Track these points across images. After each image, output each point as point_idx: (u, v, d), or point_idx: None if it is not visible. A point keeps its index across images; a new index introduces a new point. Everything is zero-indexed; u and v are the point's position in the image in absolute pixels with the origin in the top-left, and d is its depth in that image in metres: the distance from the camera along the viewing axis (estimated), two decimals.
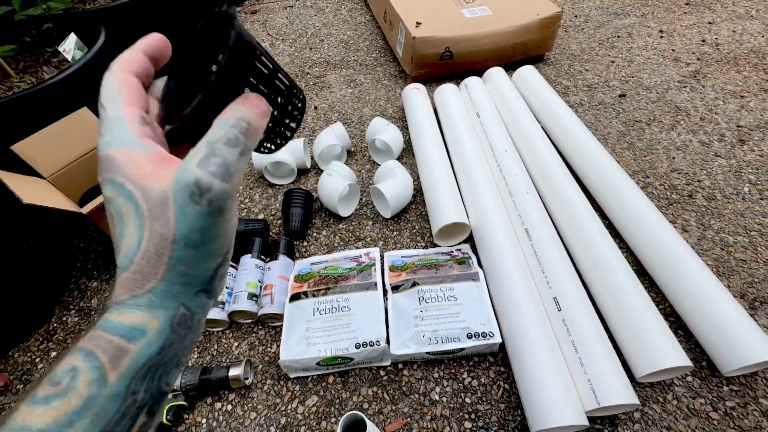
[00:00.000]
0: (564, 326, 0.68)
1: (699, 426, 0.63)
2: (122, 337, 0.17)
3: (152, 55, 0.22)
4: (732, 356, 0.63)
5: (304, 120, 1.33)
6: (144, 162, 0.18)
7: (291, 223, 0.95)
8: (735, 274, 0.80)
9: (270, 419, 0.70)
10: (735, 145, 1.05)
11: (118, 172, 0.18)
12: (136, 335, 0.18)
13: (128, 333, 0.17)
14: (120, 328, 0.17)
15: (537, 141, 1.02)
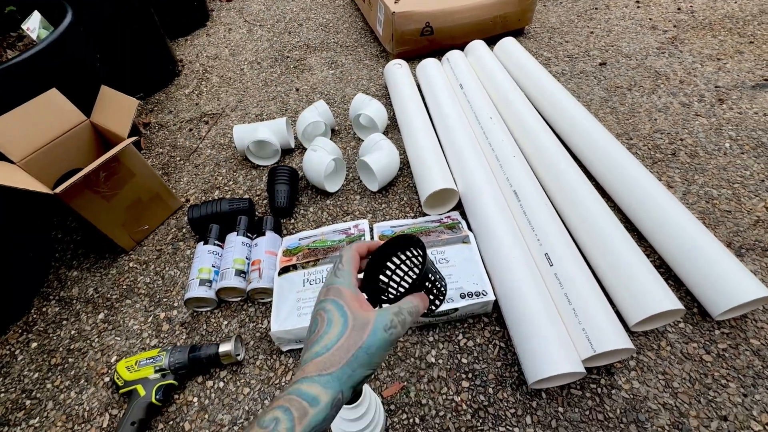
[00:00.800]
0: (556, 280, 0.68)
1: (693, 369, 0.63)
2: (307, 402, 0.26)
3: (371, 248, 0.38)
4: (721, 299, 0.64)
5: (288, 104, 1.31)
6: (356, 300, 0.32)
7: (276, 200, 0.93)
8: (721, 224, 0.81)
9: (264, 393, 0.68)
10: (714, 105, 1.07)
11: (342, 298, 0.31)
12: (314, 403, 0.26)
13: (311, 400, 0.26)
14: (306, 395, 0.26)
15: (521, 107, 1.02)
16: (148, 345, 0.77)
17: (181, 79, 1.50)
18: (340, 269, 0.34)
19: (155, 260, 0.92)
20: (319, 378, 0.27)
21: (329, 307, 0.31)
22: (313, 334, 0.30)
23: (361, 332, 0.29)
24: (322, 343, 0.29)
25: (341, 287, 0.32)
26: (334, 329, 0.29)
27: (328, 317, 0.30)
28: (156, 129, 1.29)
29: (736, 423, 0.57)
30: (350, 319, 0.30)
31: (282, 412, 0.26)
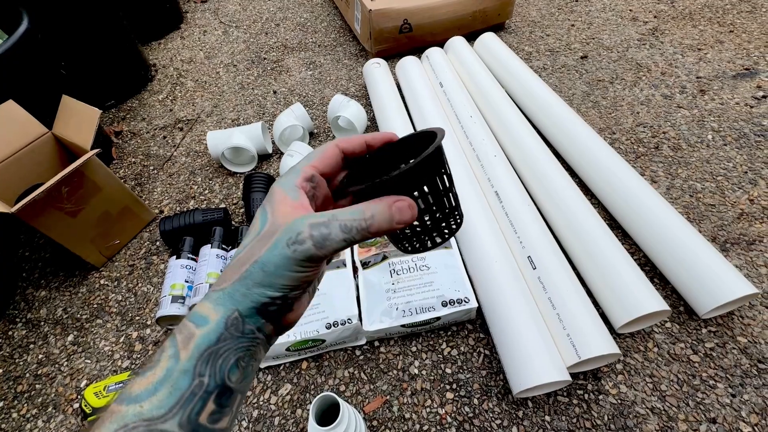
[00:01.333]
0: (540, 284, 0.66)
1: (681, 370, 0.62)
2: (193, 324, 0.21)
3: (371, 142, 0.27)
4: (707, 297, 0.62)
5: (265, 107, 1.27)
6: (288, 203, 0.23)
7: (253, 209, 0.90)
8: (705, 219, 0.79)
9: (241, 413, 0.65)
10: (696, 96, 1.06)
11: (270, 202, 0.23)
12: (202, 323, 0.21)
13: (198, 320, 0.21)
14: (194, 316, 0.21)
15: (502, 105, 0.99)
16: (120, 367, 0.73)
17: (155, 85, 1.45)
18: (295, 165, 0.25)
19: (127, 276, 0.88)
20: (211, 294, 0.22)
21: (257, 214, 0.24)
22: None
23: (262, 242, 0.22)
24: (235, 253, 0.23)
25: (276, 187, 0.24)
26: (247, 239, 0.23)
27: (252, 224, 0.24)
28: (128, 138, 1.24)
29: (725, 425, 0.56)
30: (267, 225, 0.22)
31: (169, 339, 0.21)
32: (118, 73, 1.34)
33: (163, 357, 0.20)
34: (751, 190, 0.82)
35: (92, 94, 1.27)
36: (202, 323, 0.21)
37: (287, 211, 0.22)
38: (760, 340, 0.63)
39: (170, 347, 0.20)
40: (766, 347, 0.62)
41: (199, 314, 0.21)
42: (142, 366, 0.21)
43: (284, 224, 0.21)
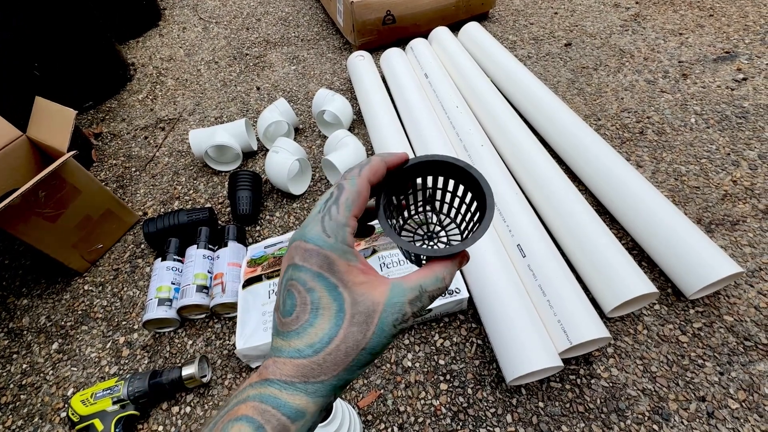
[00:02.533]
0: (530, 271, 0.66)
1: (670, 351, 0.62)
2: (288, 417, 0.19)
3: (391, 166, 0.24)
4: (694, 278, 0.63)
5: (249, 104, 1.25)
6: (358, 272, 0.21)
7: (239, 207, 0.88)
8: (690, 201, 0.80)
9: None
10: (679, 80, 1.07)
11: (333, 271, 0.21)
12: (299, 417, 0.19)
13: (294, 414, 0.19)
14: (287, 408, 0.19)
15: (488, 95, 0.99)
16: (108, 374, 0.72)
17: (134, 84, 1.41)
18: (333, 215, 0.21)
19: (112, 281, 0.86)
20: (304, 386, 0.20)
21: (312, 283, 0.20)
22: (289, 317, 0.21)
23: (364, 327, 0.20)
24: (307, 339, 0.20)
25: (331, 253, 0.21)
26: (323, 322, 0.20)
27: (312, 300, 0.20)
28: (108, 139, 1.21)
29: (714, 402, 0.57)
30: (347, 305, 0.20)
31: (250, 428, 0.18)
32: (95, 72, 1.30)
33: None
34: (734, 171, 0.83)
35: (68, 95, 1.24)
36: (297, 417, 0.19)
37: (363, 282, 0.21)
38: (746, 318, 0.64)
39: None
40: (751, 325, 0.63)
41: (292, 407, 0.19)
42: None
43: (379, 303, 0.20)
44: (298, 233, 0.22)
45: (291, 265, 0.21)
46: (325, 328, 0.20)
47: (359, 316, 0.20)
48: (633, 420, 0.57)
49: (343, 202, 0.21)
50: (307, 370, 0.20)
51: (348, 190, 0.22)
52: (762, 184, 0.80)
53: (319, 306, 0.20)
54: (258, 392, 0.20)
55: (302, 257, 0.21)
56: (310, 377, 0.20)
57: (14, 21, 1.03)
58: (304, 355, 0.20)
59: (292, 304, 0.21)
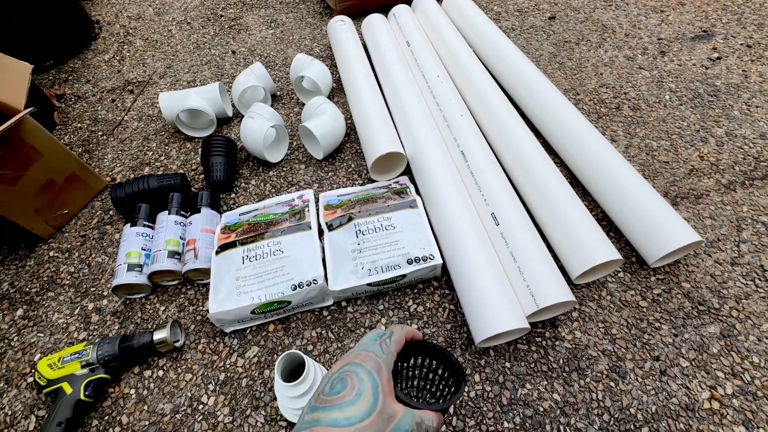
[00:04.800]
0: (502, 239, 0.67)
1: (630, 315, 0.65)
2: None
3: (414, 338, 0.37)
4: (656, 247, 0.66)
5: (224, 68, 1.19)
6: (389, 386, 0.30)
7: (212, 174, 0.86)
8: (659, 175, 0.83)
9: (207, 377, 0.64)
10: (657, 57, 1.08)
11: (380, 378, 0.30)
12: None
13: None
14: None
15: (469, 64, 0.98)
16: (77, 339, 0.71)
17: (99, 44, 1.33)
18: (387, 344, 0.33)
19: (79, 247, 0.83)
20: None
21: (363, 377, 0.29)
22: (336, 395, 0.29)
23: (386, 423, 0.28)
24: (346, 413, 0.27)
25: (383, 365, 0.31)
26: (362, 404, 0.28)
27: (359, 388, 0.29)
28: (72, 101, 1.15)
29: (667, 361, 0.60)
30: (380, 403, 0.28)
31: None
32: (56, 29, 1.22)
33: None
34: (702, 147, 0.86)
35: (26, 52, 1.16)
36: None
37: (390, 394, 0.30)
38: (702, 285, 0.67)
39: None
40: (706, 291, 0.67)
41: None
42: None
43: (398, 416, 0.29)
44: (361, 347, 0.33)
45: (351, 363, 0.31)
46: (362, 409, 0.27)
47: (384, 414, 0.28)
48: (592, 378, 0.60)
49: (393, 341, 0.34)
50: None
51: (396, 335, 0.35)
52: (726, 160, 0.83)
53: (362, 393, 0.28)
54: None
55: (362, 359, 0.31)
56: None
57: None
58: (340, 425, 0.27)
59: (341, 388, 0.29)
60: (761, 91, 0.95)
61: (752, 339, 0.61)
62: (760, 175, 0.80)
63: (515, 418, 0.57)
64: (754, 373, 0.58)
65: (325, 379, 0.31)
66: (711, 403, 0.56)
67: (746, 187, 0.79)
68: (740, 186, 0.79)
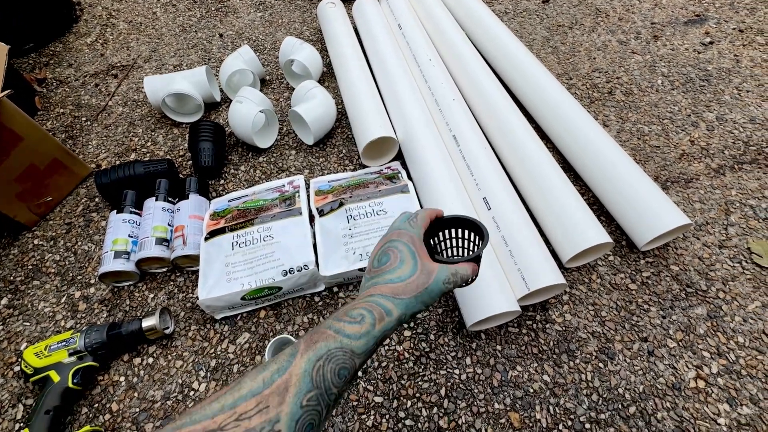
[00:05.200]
0: (494, 223, 0.67)
1: (620, 298, 0.66)
2: (384, 311, 0.33)
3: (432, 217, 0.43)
4: (646, 230, 0.66)
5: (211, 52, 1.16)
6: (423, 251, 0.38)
7: (200, 159, 0.84)
8: (650, 159, 0.83)
9: (198, 364, 0.64)
10: (650, 42, 1.07)
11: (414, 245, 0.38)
12: (390, 314, 0.33)
13: (387, 311, 0.33)
14: (384, 307, 0.33)
15: (462, 49, 0.96)
16: (64, 327, 0.69)
17: (81, 26, 1.28)
18: (415, 221, 0.40)
19: (65, 235, 0.81)
20: (393, 299, 0.34)
21: (402, 248, 0.37)
22: (385, 265, 0.36)
23: (427, 277, 0.36)
24: (396, 273, 0.35)
25: (414, 236, 0.38)
26: (406, 267, 0.36)
27: (401, 256, 0.36)
28: (54, 86, 1.11)
29: (655, 342, 0.61)
30: (419, 264, 0.36)
31: (366, 312, 0.32)
32: (36, 11, 1.17)
33: (366, 320, 0.32)
34: (693, 132, 0.86)
35: (4, 35, 1.11)
36: (389, 314, 0.33)
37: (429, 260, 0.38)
38: (690, 268, 0.68)
39: (369, 317, 0.32)
40: (694, 273, 0.67)
41: (386, 307, 0.33)
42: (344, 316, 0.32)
43: (435, 270, 0.37)
44: (395, 227, 0.40)
45: (389, 240, 0.38)
46: (407, 271, 0.36)
47: (425, 271, 0.36)
48: (581, 359, 0.61)
49: (420, 218, 0.41)
50: (395, 289, 0.34)
51: (421, 214, 0.41)
52: (717, 145, 0.83)
53: (404, 259, 0.36)
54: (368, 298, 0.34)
55: (398, 235, 0.38)
56: (397, 294, 0.34)
57: None
58: (394, 281, 0.35)
59: (386, 259, 0.37)
60: (752, 75, 0.95)
61: (738, 320, 0.62)
62: (748, 159, 0.81)
63: (506, 400, 0.58)
64: (738, 352, 0.59)
65: (371, 258, 0.39)
66: (697, 382, 0.57)
67: (735, 171, 0.79)
68: (729, 170, 0.79)
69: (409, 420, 0.57)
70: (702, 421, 0.54)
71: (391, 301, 0.33)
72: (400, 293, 0.34)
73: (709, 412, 0.55)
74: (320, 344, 0.29)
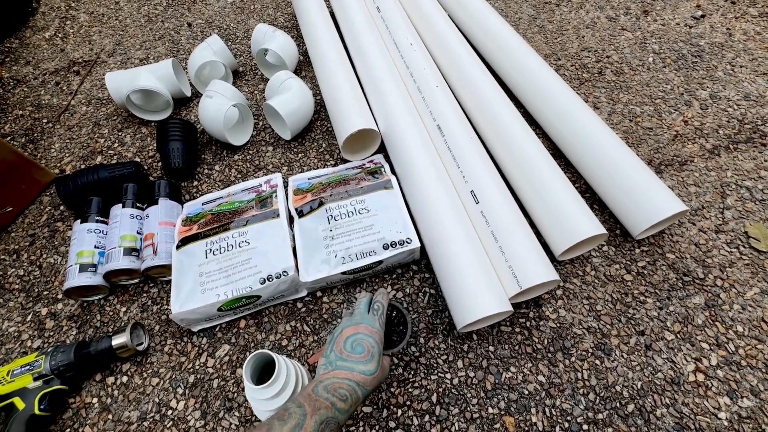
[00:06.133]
0: (483, 218, 0.63)
1: (615, 290, 0.64)
2: (357, 397, 0.42)
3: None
4: (641, 218, 0.63)
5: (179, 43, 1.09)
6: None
7: (171, 160, 0.79)
8: (643, 142, 0.80)
9: (176, 381, 0.60)
10: (639, 17, 1.03)
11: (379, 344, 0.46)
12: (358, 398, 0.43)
13: (357, 397, 0.43)
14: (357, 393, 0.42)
15: (444, 31, 0.91)
16: (31, 348, 0.65)
17: (38, 20, 1.20)
18: (382, 320, 0.48)
19: (28, 248, 0.76)
20: (362, 387, 0.42)
21: (373, 345, 0.45)
22: (358, 355, 0.43)
23: (381, 373, 0.45)
24: (367, 367, 0.43)
25: (381, 335, 0.47)
26: (373, 363, 0.43)
27: (372, 352, 0.44)
28: (11, 86, 1.04)
29: (653, 336, 0.59)
30: (380, 363, 0.44)
31: (348, 394, 0.41)
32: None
33: (348, 401, 0.41)
34: (686, 111, 0.83)
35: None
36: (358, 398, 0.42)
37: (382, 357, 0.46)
38: (687, 255, 0.65)
39: (350, 399, 0.41)
40: (691, 261, 0.65)
41: (357, 393, 0.42)
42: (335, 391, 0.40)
43: (387, 367, 0.47)
44: (365, 321, 0.47)
45: (363, 333, 0.45)
46: (372, 367, 0.43)
47: (381, 368, 0.44)
48: (577, 357, 0.58)
49: (384, 316, 0.49)
50: (365, 381, 0.42)
51: (384, 309, 0.50)
52: (711, 124, 0.80)
53: (373, 355, 0.44)
54: (346, 381, 0.41)
55: (370, 332, 0.46)
56: (364, 384, 0.42)
57: None
58: (365, 374, 0.42)
59: (360, 350, 0.44)
60: (745, 50, 0.91)
61: (736, 308, 0.60)
62: (743, 138, 0.78)
63: (500, 403, 0.55)
64: (738, 342, 0.57)
65: (340, 338, 0.45)
66: (696, 376, 0.55)
67: (730, 151, 0.76)
68: (724, 150, 0.77)
69: (400, 430, 0.55)
70: (702, 416, 0.53)
71: (361, 390, 0.42)
72: (366, 384, 0.42)
73: (709, 406, 0.53)
74: (322, 411, 0.38)
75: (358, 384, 0.41)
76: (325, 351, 0.46)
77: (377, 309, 0.49)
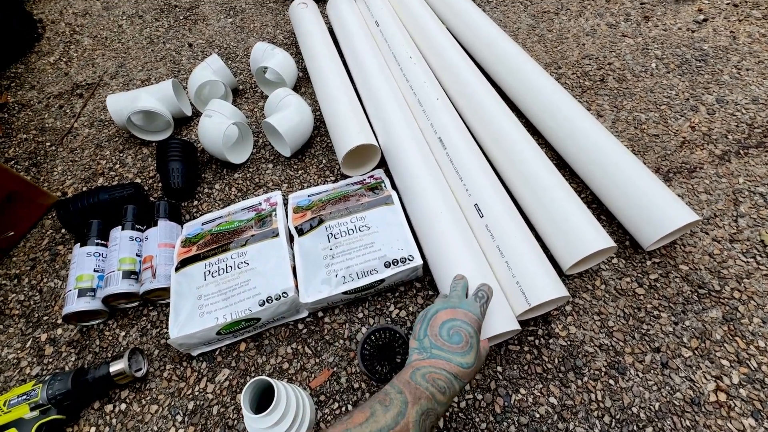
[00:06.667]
0: (487, 232, 0.62)
1: (627, 304, 0.61)
2: (455, 389, 0.41)
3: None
4: (651, 229, 0.61)
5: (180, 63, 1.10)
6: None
7: (170, 180, 0.78)
8: (649, 150, 0.78)
9: (175, 408, 0.59)
10: (640, 23, 1.01)
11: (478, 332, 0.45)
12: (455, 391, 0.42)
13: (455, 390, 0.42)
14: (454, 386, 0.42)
15: (443, 43, 0.90)
16: (30, 376, 0.64)
17: (44, 44, 1.22)
18: (484, 309, 0.48)
19: (29, 272, 0.76)
20: (459, 380, 0.41)
21: (472, 334, 0.43)
22: (456, 345, 0.42)
23: (479, 364, 0.44)
24: (465, 359, 0.42)
25: (480, 323, 0.46)
26: (473, 354, 0.42)
27: (471, 342, 0.43)
28: (16, 110, 1.05)
29: (668, 353, 0.56)
30: (478, 354, 0.44)
31: (447, 387, 0.41)
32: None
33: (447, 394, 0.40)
34: (693, 116, 0.81)
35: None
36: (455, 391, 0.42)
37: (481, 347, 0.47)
38: (701, 266, 0.63)
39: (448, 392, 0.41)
40: (705, 273, 0.62)
41: (455, 387, 0.42)
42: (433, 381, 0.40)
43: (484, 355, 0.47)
44: (469, 307, 0.46)
45: (462, 320, 0.44)
46: (471, 359, 0.42)
47: (479, 359, 0.44)
48: (590, 377, 0.56)
49: (488, 305, 0.49)
50: (462, 374, 0.41)
51: (491, 300, 0.50)
52: (719, 129, 0.78)
53: (473, 347, 0.43)
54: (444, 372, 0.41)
55: (471, 320, 0.44)
56: (461, 377, 0.41)
57: None
58: (463, 366, 0.41)
59: (459, 339, 0.43)
60: (751, 52, 0.90)
61: (756, 321, 0.57)
62: (754, 142, 0.75)
63: (510, 428, 0.53)
64: (760, 358, 0.54)
65: (435, 323, 0.44)
66: (717, 395, 0.52)
67: (741, 156, 0.74)
68: (735, 156, 0.74)
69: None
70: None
71: (458, 382, 0.41)
72: (463, 377, 0.41)
73: (733, 428, 0.50)
74: (422, 401, 0.37)
75: (456, 376, 0.40)
76: (417, 331, 0.45)
77: (481, 297, 0.48)
